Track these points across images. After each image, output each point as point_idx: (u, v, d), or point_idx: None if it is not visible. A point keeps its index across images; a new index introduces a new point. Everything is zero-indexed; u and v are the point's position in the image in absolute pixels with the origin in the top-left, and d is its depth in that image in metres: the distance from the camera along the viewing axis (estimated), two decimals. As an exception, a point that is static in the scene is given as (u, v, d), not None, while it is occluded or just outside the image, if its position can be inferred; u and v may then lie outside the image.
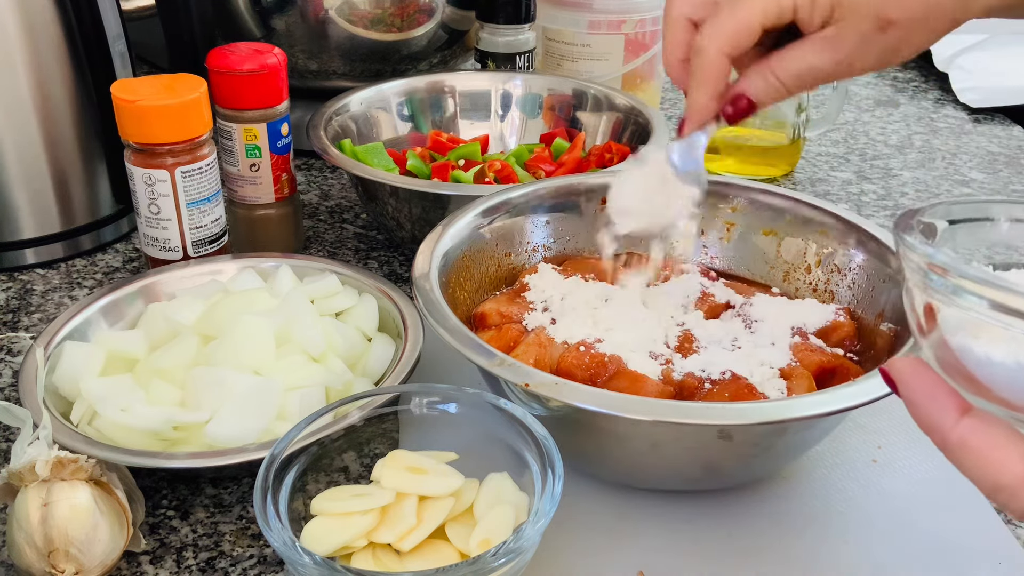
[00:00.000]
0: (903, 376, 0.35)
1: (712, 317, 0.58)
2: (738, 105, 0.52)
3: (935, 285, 0.33)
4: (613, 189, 0.57)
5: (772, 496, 0.53)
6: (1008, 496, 0.32)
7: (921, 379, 0.34)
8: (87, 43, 0.72)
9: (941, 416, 0.34)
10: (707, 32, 0.50)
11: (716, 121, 0.53)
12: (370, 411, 0.50)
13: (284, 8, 0.84)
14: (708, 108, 0.52)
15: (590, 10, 0.92)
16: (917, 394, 0.34)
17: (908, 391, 0.35)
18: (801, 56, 0.49)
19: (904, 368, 0.35)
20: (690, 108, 0.53)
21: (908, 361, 0.35)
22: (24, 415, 0.49)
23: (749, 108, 0.52)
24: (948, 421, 0.33)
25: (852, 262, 0.60)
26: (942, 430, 0.34)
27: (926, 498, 0.53)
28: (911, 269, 0.34)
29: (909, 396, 0.35)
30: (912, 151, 1.00)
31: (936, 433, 0.34)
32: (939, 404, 0.34)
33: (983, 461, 0.33)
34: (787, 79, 0.50)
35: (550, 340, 0.54)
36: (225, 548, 0.50)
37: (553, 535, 0.49)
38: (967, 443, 0.33)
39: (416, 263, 0.56)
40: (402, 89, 0.86)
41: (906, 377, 0.35)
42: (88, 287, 0.73)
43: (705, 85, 0.51)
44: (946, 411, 0.34)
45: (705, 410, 0.45)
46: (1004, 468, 0.32)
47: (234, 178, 0.72)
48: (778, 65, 0.50)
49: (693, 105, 0.52)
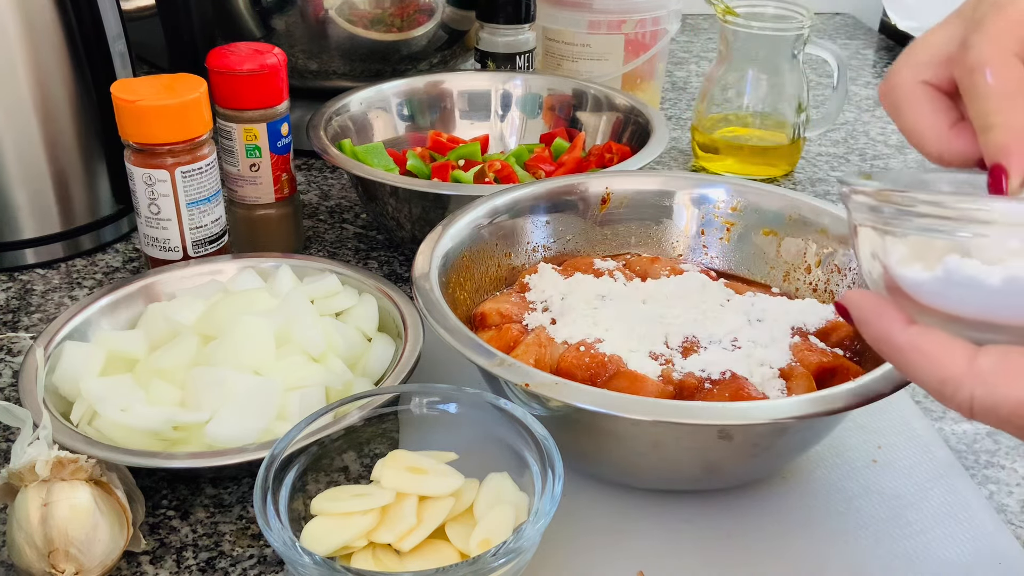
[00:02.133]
0: (853, 301, 0.39)
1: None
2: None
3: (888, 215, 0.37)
4: None
5: (772, 496, 0.53)
6: (953, 388, 0.35)
7: (869, 301, 0.38)
8: (87, 43, 0.72)
9: (889, 327, 0.37)
10: (977, 41, 0.38)
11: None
12: (370, 411, 0.50)
13: (284, 8, 0.84)
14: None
15: (590, 10, 0.92)
16: (866, 312, 0.38)
17: (858, 311, 0.38)
18: None
19: (854, 296, 0.39)
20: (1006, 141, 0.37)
21: (859, 292, 0.39)
22: (24, 415, 0.49)
23: None
24: (896, 329, 0.37)
25: (852, 262, 0.60)
26: (890, 338, 0.37)
27: (926, 498, 0.53)
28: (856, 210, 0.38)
29: (859, 316, 0.38)
30: (912, 151, 1.00)
31: (885, 342, 0.37)
32: (887, 318, 0.37)
33: (928, 359, 0.36)
34: None
35: (550, 340, 0.54)
36: (225, 548, 0.50)
37: (553, 535, 0.49)
38: (914, 345, 0.36)
39: (416, 263, 0.56)
40: (402, 89, 0.86)
41: (855, 301, 0.38)
42: (88, 287, 0.73)
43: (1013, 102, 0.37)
44: (893, 322, 0.37)
45: (705, 410, 0.45)
46: (947, 363, 0.35)
47: (234, 178, 0.72)
48: None
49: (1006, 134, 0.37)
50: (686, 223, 0.66)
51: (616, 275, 0.61)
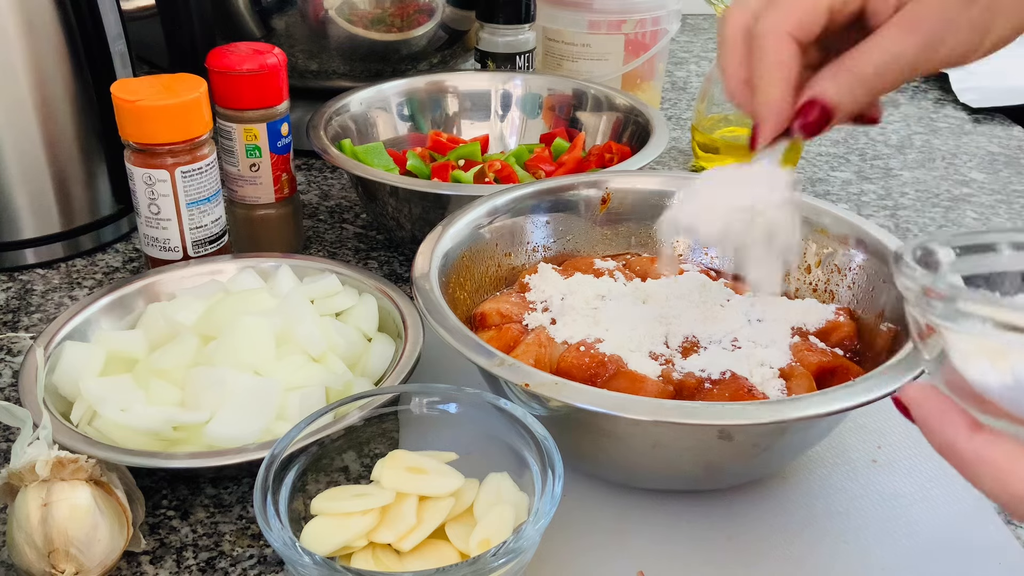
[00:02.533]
0: (914, 401, 0.36)
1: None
2: (810, 114, 0.44)
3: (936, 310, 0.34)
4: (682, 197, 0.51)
5: (772, 496, 0.53)
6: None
7: (931, 402, 0.35)
8: (87, 43, 0.72)
9: (954, 434, 0.35)
10: (767, 17, 0.44)
11: (788, 136, 0.46)
12: (370, 411, 0.50)
13: (284, 8, 0.84)
14: (783, 106, 0.44)
15: (590, 10, 0.92)
16: (929, 417, 0.36)
17: (920, 414, 0.36)
18: (880, 44, 0.43)
19: (914, 394, 0.36)
20: (761, 110, 0.45)
21: (917, 386, 0.36)
22: (24, 415, 0.49)
23: (824, 117, 0.44)
24: (961, 438, 0.34)
25: (852, 262, 0.60)
26: (955, 447, 0.35)
27: (926, 498, 0.53)
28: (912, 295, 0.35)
29: (922, 419, 0.36)
30: (912, 151, 1.00)
31: (950, 451, 0.35)
32: (951, 423, 0.35)
33: (998, 473, 0.33)
34: (868, 73, 0.43)
35: (550, 340, 0.54)
36: (225, 548, 0.50)
37: (553, 535, 0.49)
38: (981, 457, 0.34)
39: (416, 263, 0.56)
40: (402, 89, 0.86)
41: (917, 402, 0.36)
42: (88, 287, 0.73)
43: (774, 74, 0.44)
44: (958, 429, 0.35)
45: (705, 410, 0.45)
46: (1018, 478, 0.33)
47: (234, 178, 0.72)
48: (855, 60, 0.43)
49: (764, 104, 0.45)
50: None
51: (616, 275, 0.61)
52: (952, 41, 0.43)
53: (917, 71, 0.44)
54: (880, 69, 0.43)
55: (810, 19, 0.44)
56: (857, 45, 0.44)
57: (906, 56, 0.43)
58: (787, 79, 0.44)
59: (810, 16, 0.44)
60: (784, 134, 0.47)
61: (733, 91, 0.47)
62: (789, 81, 0.44)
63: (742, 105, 0.47)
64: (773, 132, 0.46)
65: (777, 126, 0.45)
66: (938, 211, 0.87)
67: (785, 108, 0.45)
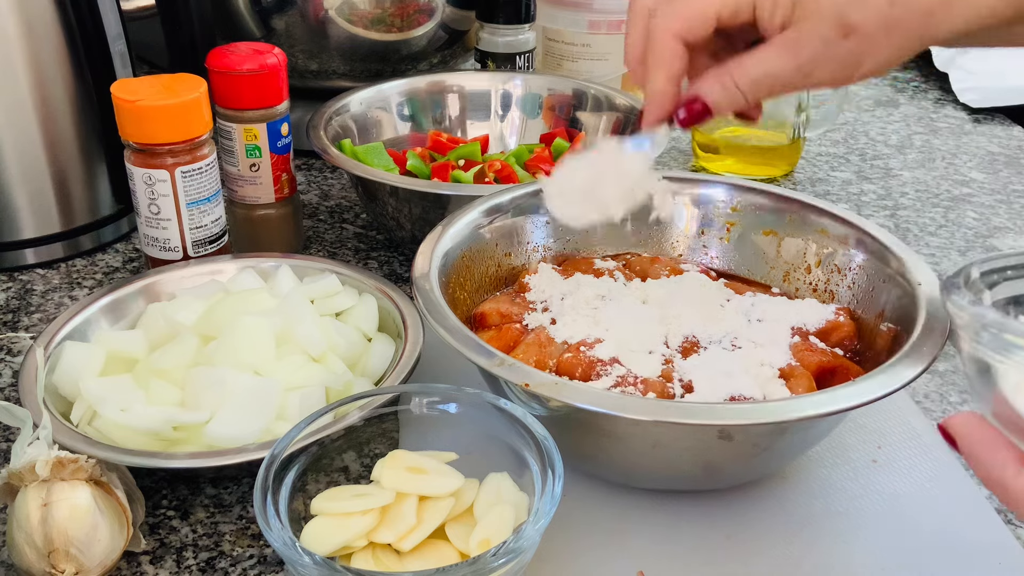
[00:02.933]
0: (961, 432, 0.36)
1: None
2: (692, 108, 0.49)
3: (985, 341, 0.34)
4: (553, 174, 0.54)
5: (772, 496, 0.53)
6: None
7: (978, 434, 0.36)
8: (87, 43, 0.72)
9: (1002, 468, 0.35)
10: (660, 14, 0.49)
11: (670, 125, 0.51)
12: (370, 411, 0.50)
13: (284, 8, 0.84)
14: (666, 94, 0.49)
15: (590, 10, 0.92)
16: (977, 449, 0.36)
17: (968, 446, 0.36)
18: (759, 60, 0.47)
19: (961, 424, 0.36)
20: (648, 96, 0.50)
21: (965, 417, 0.37)
22: (24, 415, 0.49)
23: (703, 112, 0.49)
24: (1009, 472, 0.35)
25: (852, 262, 0.60)
26: (1003, 482, 0.35)
27: (926, 498, 0.53)
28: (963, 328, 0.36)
29: (969, 451, 0.36)
30: (912, 151, 1.00)
31: (998, 485, 0.35)
32: (1000, 457, 0.35)
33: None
34: (744, 84, 0.48)
35: (550, 340, 0.54)
36: (225, 548, 0.50)
37: (553, 535, 0.49)
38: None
39: (416, 263, 0.56)
40: (402, 89, 0.86)
41: (964, 433, 0.36)
42: (88, 287, 0.73)
43: (659, 68, 0.49)
44: (1007, 463, 0.35)
45: (705, 410, 0.45)
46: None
47: (234, 178, 0.72)
48: (736, 69, 0.48)
49: (650, 91, 0.50)
50: (686, 223, 0.66)
51: (616, 275, 0.61)
52: (824, 70, 0.47)
53: (792, 88, 0.48)
54: (758, 82, 0.48)
55: (697, 25, 0.48)
56: (741, 56, 0.48)
57: (782, 76, 0.47)
58: (670, 75, 0.49)
59: (697, 22, 0.48)
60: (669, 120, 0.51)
61: (630, 66, 0.52)
62: (671, 77, 0.49)
63: (635, 79, 0.52)
64: (656, 118, 0.50)
65: (660, 113, 0.50)
66: (938, 211, 0.87)
67: (667, 99, 0.50)
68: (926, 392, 0.63)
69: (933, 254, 0.80)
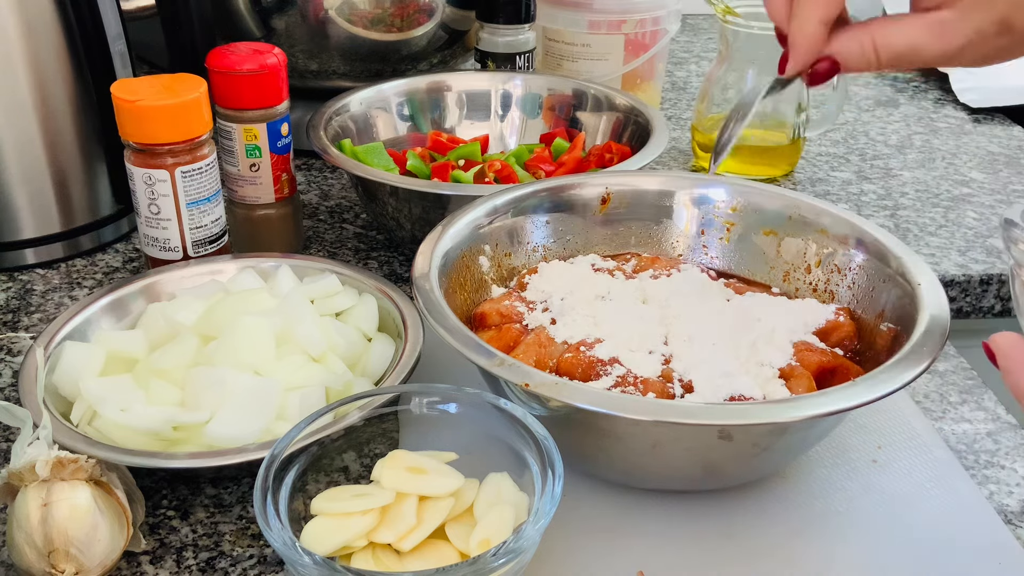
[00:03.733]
0: (1002, 348, 0.39)
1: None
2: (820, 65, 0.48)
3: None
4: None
5: (772, 496, 0.53)
6: None
7: (1016, 351, 0.38)
8: (87, 43, 0.72)
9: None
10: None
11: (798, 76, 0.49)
12: (370, 411, 0.50)
13: (284, 8, 0.84)
14: (816, 37, 0.47)
15: (590, 10, 0.92)
16: (1012, 362, 0.38)
17: (1005, 360, 0.39)
18: (908, 32, 0.45)
19: (1003, 340, 0.39)
20: (796, 37, 0.47)
21: (1007, 335, 0.39)
22: (24, 415, 0.49)
23: (831, 70, 0.48)
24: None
25: (852, 262, 0.60)
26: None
27: (926, 498, 0.53)
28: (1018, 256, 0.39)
29: (1005, 365, 0.39)
30: (912, 151, 1.00)
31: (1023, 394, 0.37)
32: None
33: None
34: (885, 53, 0.46)
35: (550, 340, 0.54)
36: (225, 548, 0.50)
37: (553, 535, 0.49)
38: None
39: (416, 263, 0.56)
40: (402, 89, 0.86)
41: (1004, 347, 0.39)
42: (88, 287, 0.73)
43: (813, 7, 0.46)
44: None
45: (705, 410, 0.45)
46: None
47: (234, 178, 0.72)
48: (880, 34, 0.46)
49: (798, 33, 0.47)
50: (686, 223, 0.66)
51: (616, 275, 0.61)
52: (971, 57, 0.46)
53: (927, 65, 0.47)
54: (899, 55, 0.46)
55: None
56: (887, 21, 0.46)
57: (924, 54, 0.46)
58: (824, 16, 0.47)
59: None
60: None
61: (773, 7, 0.49)
62: (824, 19, 0.47)
63: (778, 21, 0.49)
64: (802, 64, 0.48)
65: (807, 59, 0.48)
66: (938, 211, 0.87)
67: (816, 44, 0.47)
68: (926, 392, 0.63)
69: (933, 254, 0.80)
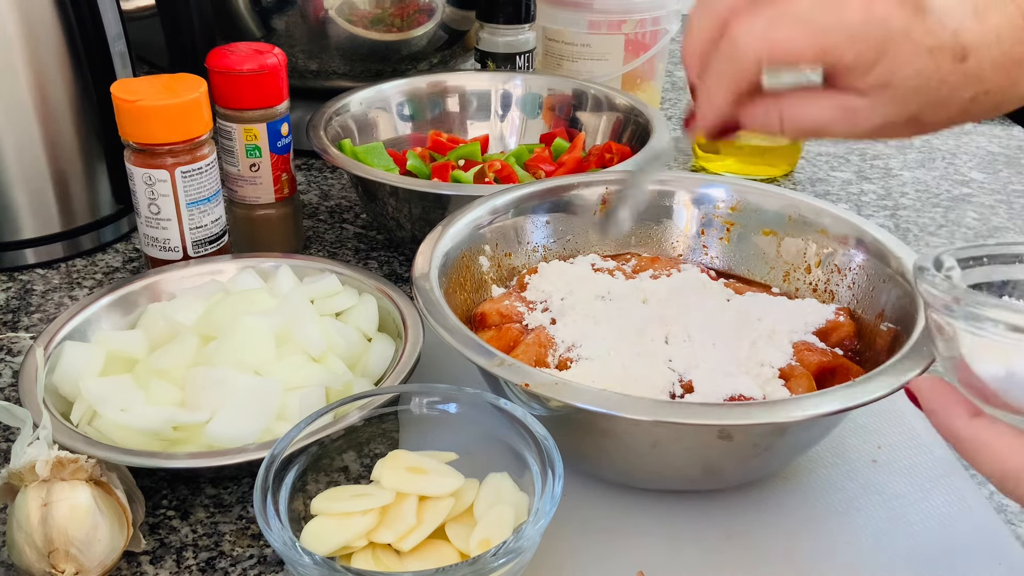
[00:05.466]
0: (922, 391, 0.41)
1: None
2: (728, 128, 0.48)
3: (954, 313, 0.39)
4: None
5: (772, 496, 0.53)
6: (1014, 483, 0.37)
7: (937, 391, 0.40)
8: (87, 43, 0.72)
9: (955, 419, 0.39)
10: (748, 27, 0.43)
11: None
12: (370, 411, 0.50)
13: (284, 8, 0.84)
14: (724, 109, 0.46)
15: (590, 10, 0.92)
16: (933, 403, 0.40)
17: (927, 402, 0.41)
18: (817, 113, 0.44)
19: (923, 384, 0.41)
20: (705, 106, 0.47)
21: (926, 378, 0.41)
22: (24, 415, 0.49)
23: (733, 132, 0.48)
24: (960, 422, 0.39)
25: (852, 262, 0.60)
26: (955, 430, 0.39)
27: (926, 498, 0.53)
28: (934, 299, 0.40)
29: (927, 406, 0.41)
30: (912, 151, 1.00)
31: (952, 434, 0.39)
32: (953, 410, 0.39)
33: (992, 453, 0.38)
34: (791, 127, 0.45)
35: (550, 340, 0.54)
36: (225, 548, 0.50)
37: (553, 535, 0.49)
38: (978, 437, 0.38)
39: (416, 263, 0.56)
40: (402, 89, 0.86)
41: (924, 391, 0.41)
42: (88, 287, 0.73)
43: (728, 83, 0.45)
44: (959, 415, 0.39)
45: (705, 410, 0.45)
46: (1010, 458, 0.37)
47: (234, 178, 0.72)
48: (789, 110, 0.45)
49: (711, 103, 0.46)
50: (686, 223, 0.66)
51: (616, 275, 0.61)
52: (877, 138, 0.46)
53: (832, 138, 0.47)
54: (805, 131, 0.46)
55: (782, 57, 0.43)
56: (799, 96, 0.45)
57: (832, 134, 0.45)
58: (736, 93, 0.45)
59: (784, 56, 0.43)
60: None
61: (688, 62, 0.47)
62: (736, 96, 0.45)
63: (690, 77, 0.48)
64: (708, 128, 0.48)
65: (713, 124, 0.47)
66: (938, 211, 0.87)
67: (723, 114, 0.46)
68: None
69: (933, 254, 0.80)
